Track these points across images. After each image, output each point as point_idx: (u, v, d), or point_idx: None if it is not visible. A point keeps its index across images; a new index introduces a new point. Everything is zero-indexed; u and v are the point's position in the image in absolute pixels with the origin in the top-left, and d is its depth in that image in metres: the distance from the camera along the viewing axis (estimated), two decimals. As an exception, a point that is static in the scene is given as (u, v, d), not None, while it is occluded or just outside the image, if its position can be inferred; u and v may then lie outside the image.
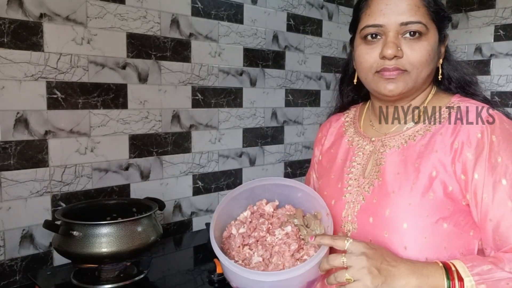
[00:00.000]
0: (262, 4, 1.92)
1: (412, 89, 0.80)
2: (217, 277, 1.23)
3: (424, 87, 0.83)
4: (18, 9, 1.26)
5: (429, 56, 0.77)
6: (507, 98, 2.27)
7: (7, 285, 1.29)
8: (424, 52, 0.76)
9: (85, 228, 1.15)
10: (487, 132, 0.73)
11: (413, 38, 0.76)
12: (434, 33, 0.79)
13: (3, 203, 1.27)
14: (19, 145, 1.29)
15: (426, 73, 0.79)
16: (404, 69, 0.77)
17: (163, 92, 1.61)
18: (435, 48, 0.79)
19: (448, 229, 0.73)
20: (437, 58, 0.81)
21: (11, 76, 1.26)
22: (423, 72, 0.78)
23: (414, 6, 0.77)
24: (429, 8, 0.78)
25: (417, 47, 0.76)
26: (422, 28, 0.76)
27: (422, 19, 0.76)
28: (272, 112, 2.02)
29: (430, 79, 0.83)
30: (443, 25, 0.81)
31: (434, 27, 0.79)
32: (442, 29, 0.81)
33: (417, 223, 0.73)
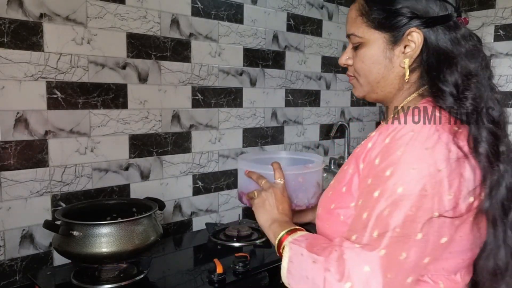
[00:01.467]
0: (262, 4, 1.92)
1: (375, 92, 0.82)
2: (217, 277, 1.23)
3: (403, 88, 0.80)
4: (18, 9, 1.26)
5: (368, 63, 0.80)
6: (507, 98, 2.28)
7: (7, 285, 1.29)
8: (363, 59, 0.81)
9: (85, 228, 1.15)
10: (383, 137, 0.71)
11: (356, 48, 0.82)
12: (375, 38, 0.78)
13: (3, 203, 1.27)
14: (19, 145, 1.29)
15: (373, 79, 0.81)
16: (353, 76, 0.85)
17: (163, 92, 1.62)
18: (377, 53, 0.78)
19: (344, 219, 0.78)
20: (387, 60, 0.78)
21: (11, 76, 1.26)
22: (370, 77, 0.81)
23: (351, 18, 0.82)
24: (366, 17, 0.79)
25: (358, 55, 0.81)
26: (356, 39, 0.81)
27: (357, 31, 0.80)
28: (272, 112, 2.02)
29: (393, 81, 0.80)
30: (392, 25, 0.77)
31: (376, 32, 0.78)
32: (393, 30, 0.77)
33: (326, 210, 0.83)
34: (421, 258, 0.67)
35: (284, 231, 0.84)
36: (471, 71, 0.73)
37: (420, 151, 0.66)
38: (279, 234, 0.84)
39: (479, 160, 0.68)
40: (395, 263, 0.65)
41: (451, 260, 0.71)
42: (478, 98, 0.71)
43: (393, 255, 0.65)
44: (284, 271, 0.77)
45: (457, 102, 0.71)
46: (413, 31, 0.75)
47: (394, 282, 0.65)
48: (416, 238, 0.65)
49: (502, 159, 0.70)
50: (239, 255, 1.33)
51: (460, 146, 0.67)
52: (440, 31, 0.75)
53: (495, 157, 0.69)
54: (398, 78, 0.79)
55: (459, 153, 0.66)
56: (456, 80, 0.72)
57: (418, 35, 0.75)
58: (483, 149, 0.68)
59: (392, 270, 0.65)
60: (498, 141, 0.70)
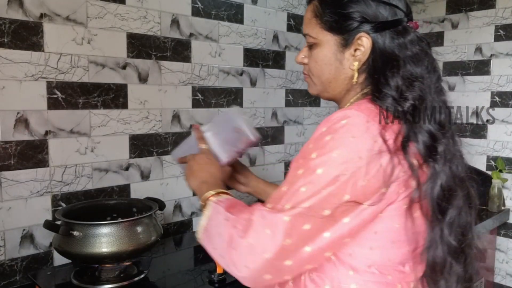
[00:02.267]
0: (262, 4, 1.92)
1: (327, 91, 0.85)
2: (217, 277, 1.23)
3: (352, 88, 0.82)
4: (19, 9, 1.26)
5: (321, 64, 0.82)
6: (507, 98, 2.28)
7: (7, 285, 1.29)
8: (316, 60, 0.83)
9: (85, 228, 1.15)
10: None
11: (310, 48, 0.84)
12: (327, 40, 0.80)
13: (3, 203, 1.28)
14: (19, 145, 1.29)
15: (325, 79, 0.83)
16: (308, 74, 0.87)
17: (163, 92, 1.62)
18: (329, 54, 0.81)
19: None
20: (338, 62, 0.81)
21: (11, 76, 1.26)
22: (322, 77, 0.83)
23: (307, 18, 0.84)
24: (320, 19, 0.81)
25: (312, 55, 0.84)
26: (311, 39, 0.83)
27: (311, 32, 0.82)
28: (272, 112, 2.02)
29: (343, 82, 0.82)
30: (343, 29, 0.78)
31: (331, 34, 0.80)
32: (343, 33, 0.79)
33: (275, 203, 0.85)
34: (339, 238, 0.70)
35: (210, 191, 0.88)
36: (415, 74, 0.75)
37: (346, 139, 0.69)
38: (205, 194, 0.88)
39: (406, 157, 0.70)
40: (296, 232, 0.69)
41: (394, 250, 0.74)
42: (419, 99, 0.74)
43: (296, 224, 0.69)
44: (201, 228, 0.82)
45: (397, 103, 0.73)
46: (362, 36, 0.77)
47: (291, 248, 0.69)
48: (323, 214, 0.68)
49: (438, 159, 0.73)
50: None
51: (385, 140, 0.69)
52: (388, 36, 0.77)
53: (430, 156, 0.72)
54: (347, 79, 0.82)
55: (383, 147, 0.69)
56: (397, 83, 0.74)
57: (367, 40, 0.77)
58: (414, 147, 0.71)
59: (292, 237, 0.69)
60: (436, 141, 0.73)
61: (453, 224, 0.75)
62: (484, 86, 2.36)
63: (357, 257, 0.74)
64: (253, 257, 0.71)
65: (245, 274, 0.73)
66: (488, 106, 2.34)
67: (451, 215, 0.74)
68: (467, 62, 2.42)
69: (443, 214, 0.74)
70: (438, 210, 0.73)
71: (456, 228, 0.75)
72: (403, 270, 0.76)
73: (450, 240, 0.74)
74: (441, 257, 0.74)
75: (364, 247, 0.73)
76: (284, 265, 0.71)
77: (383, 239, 0.73)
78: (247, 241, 0.71)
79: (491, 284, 2.33)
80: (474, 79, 2.39)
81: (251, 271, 0.72)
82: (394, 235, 0.73)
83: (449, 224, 0.74)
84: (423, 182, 0.72)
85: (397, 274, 0.75)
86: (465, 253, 0.78)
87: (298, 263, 0.71)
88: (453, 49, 2.47)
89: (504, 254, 2.32)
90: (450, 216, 0.74)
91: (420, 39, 0.80)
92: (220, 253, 0.77)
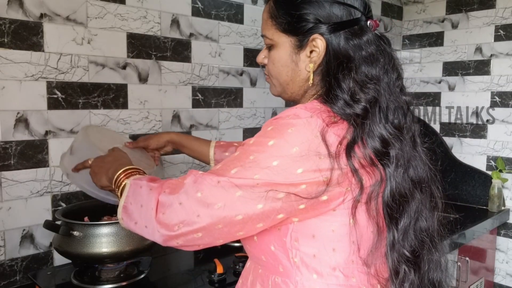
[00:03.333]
0: (262, 4, 1.92)
1: (286, 93, 0.84)
2: (217, 277, 1.23)
3: (308, 89, 0.81)
4: (19, 9, 1.26)
5: (277, 65, 0.81)
6: (507, 98, 2.28)
7: (7, 285, 1.29)
8: (273, 61, 0.82)
9: (85, 228, 1.15)
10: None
11: (269, 49, 0.83)
12: (283, 41, 0.79)
13: (3, 203, 1.28)
14: (19, 145, 1.29)
15: (283, 80, 0.82)
16: (268, 76, 0.86)
17: (163, 92, 1.62)
18: (285, 56, 0.80)
19: None
20: (294, 63, 0.80)
21: (11, 76, 1.26)
22: (280, 79, 0.83)
23: (264, 20, 0.83)
24: (275, 20, 0.79)
25: (270, 56, 0.83)
26: (268, 40, 0.82)
27: (267, 33, 0.81)
28: (273, 112, 2.02)
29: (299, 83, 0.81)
30: (297, 30, 0.77)
31: (286, 36, 0.79)
32: (298, 34, 0.77)
33: None
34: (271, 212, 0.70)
35: (119, 170, 0.86)
36: (369, 75, 0.74)
37: (284, 130, 0.69)
38: (115, 175, 0.86)
39: (348, 162, 0.69)
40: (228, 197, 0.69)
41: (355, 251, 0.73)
42: (372, 101, 0.72)
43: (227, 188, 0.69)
44: (120, 208, 0.80)
45: (347, 106, 0.72)
46: (316, 37, 0.76)
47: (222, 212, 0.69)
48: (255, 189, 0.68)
49: (390, 164, 0.71)
50: (239, 255, 1.34)
51: (325, 139, 0.69)
52: (343, 37, 0.75)
53: (380, 161, 0.71)
54: (304, 81, 0.80)
55: (321, 147, 0.68)
56: (349, 85, 0.73)
57: (321, 41, 0.75)
58: (359, 151, 0.70)
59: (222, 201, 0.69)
60: (388, 146, 0.71)
61: (407, 231, 0.73)
62: (484, 86, 2.36)
63: (321, 259, 0.73)
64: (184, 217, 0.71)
65: (174, 233, 0.72)
66: (488, 106, 2.34)
67: (404, 222, 0.73)
68: (467, 62, 2.42)
69: (396, 221, 0.72)
70: (389, 216, 0.72)
71: (413, 234, 0.74)
72: (369, 271, 0.74)
73: (401, 249, 0.73)
74: (395, 265, 0.73)
75: (327, 248, 0.73)
76: (215, 228, 0.71)
77: (343, 239, 0.72)
78: (176, 203, 0.72)
79: (491, 284, 2.33)
80: (474, 79, 2.39)
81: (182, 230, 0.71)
82: (352, 235, 0.72)
83: (402, 231, 0.73)
84: (370, 184, 0.71)
85: (362, 276, 0.75)
86: (424, 260, 0.76)
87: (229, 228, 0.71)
88: (453, 49, 2.47)
89: (504, 254, 2.32)
90: (403, 223, 0.73)
91: (379, 38, 0.78)
92: (144, 224, 0.76)
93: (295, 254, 0.74)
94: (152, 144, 1.27)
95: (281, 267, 0.76)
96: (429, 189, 0.78)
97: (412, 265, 0.74)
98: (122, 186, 0.84)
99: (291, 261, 0.74)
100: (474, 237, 2.00)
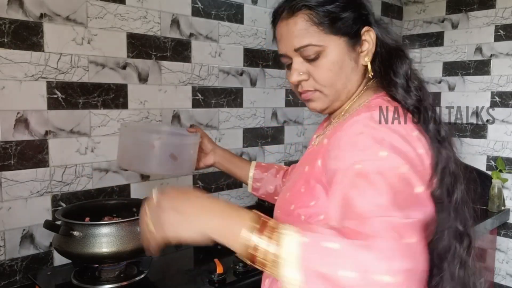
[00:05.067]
0: (262, 4, 1.92)
1: (338, 100, 0.82)
2: (217, 277, 1.23)
3: (355, 89, 0.82)
4: (19, 9, 1.26)
5: (335, 70, 0.78)
6: (507, 98, 2.28)
7: (7, 285, 1.29)
8: (325, 69, 0.78)
9: (85, 228, 1.15)
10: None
11: (312, 59, 0.78)
12: (336, 44, 0.77)
13: (4, 203, 1.28)
14: (19, 145, 1.29)
15: (341, 84, 0.79)
16: (314, 89, 0.80)
17: (164, 92, 1.62)
18: (341, 57, 0.78)
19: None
20: (353, 61, 0.79)
21: (11, 76, 1.26)
22: (337, 85, 0.79)
23: (301, 30, 0.77)
24: (321, 25, 0.77)
25: (320, 65, 0.78)
26: (315, 48, 0.77)
27: (312, 40, 0.77)
28: (272, 112, 2.02)
29: (357, 81, 0.81)
30: (347, 28, 0.78)
31: (335, 37, 0.77)
32: (349, 32, 0.78)
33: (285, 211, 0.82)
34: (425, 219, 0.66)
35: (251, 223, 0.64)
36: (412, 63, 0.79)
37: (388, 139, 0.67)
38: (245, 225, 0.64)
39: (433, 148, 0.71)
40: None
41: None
42: (420, 89, 0.77)
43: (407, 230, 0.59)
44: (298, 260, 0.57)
45: (407, 93, 0.75)
46: (366, 30, 0.79)
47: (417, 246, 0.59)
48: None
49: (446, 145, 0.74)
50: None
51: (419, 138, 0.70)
52: (382, 28, 0.81)
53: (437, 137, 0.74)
54: (360, 77, 0.82)
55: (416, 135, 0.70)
56: (406, 71, 0.77)
57: (371, 33, 0.79)
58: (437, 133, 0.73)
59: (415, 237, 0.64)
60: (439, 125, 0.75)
61: (459, 207, 0.76)
62: (484, 86, 2.36)
63: None
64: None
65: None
66: (488, 106, 2.34)
67: (457, 196, 0.75)
68: (467, 62, 2.42)
69: (451, 196, 0.74)
70: (447, 191, 0.73)
71: (461, 212, 0.76)
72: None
73: (455, 223, 0.75)
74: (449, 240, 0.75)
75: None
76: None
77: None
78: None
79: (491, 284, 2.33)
80: (474, 79, 2.39)
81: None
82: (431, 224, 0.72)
83: (456, 206, 0.75)
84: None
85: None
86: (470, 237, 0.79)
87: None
88: (453, 49, 2.47)
89: (504, 254, 2.32)
90: (455, 197, 0.75)
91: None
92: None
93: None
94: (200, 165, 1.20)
95: None
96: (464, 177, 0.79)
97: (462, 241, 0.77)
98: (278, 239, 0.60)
99: None
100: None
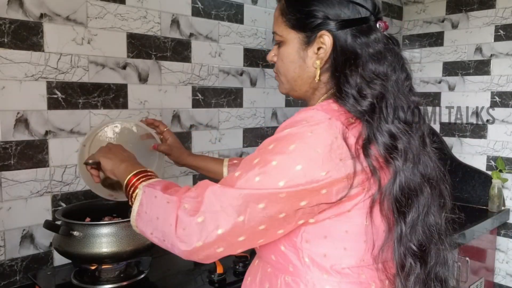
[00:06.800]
0: (262, 4, 1.92)
1: (295, 90, 0.84)
2: (217, 277, 1.23)
3: (318, 87, 0.82)
4: (19, 9, 1.26)
5: (286, 62, 0.82)
6: (507, 98, 2.27)
7: (7, 285, 1.29)
8: (282, 58, 0.83)
9: (85, 228, 1.15)
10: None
11: (279, 46, 0.84)
12: (292, 38, 0.80)
13: (3, 203, 1.27)
14: (19, 145, 1.29)
15: (291, 77, 0.83)
16: (277, 73, 0.87)
17: (163, 92, 1.62)
18: (295, 52, 0.81)
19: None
20: (301, 60, 0.80)
21: (11, 76, 1.26)
22: (288, 75, 0.83)
23: (275, 17, 0.84)
24: (285, 17, 0.81)
25: (279, 53, 0.84)
26: (277, 37, 0.83)
27: (278, 30, 0.83)
28: (273, 112, 2.02)
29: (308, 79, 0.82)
30: (305, 26, 0.78)
31: (295, 32, 0.80)
32: (306, 31, 0.79)
33: None
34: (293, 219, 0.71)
35: (134, 171, 0.88)
36: (377, 72, 0.74)
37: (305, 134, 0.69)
38: (129, 174, 0.88)
39: (367, 160, 0.70)
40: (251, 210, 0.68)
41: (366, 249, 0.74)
42: (379, 97, 0.73)
43: (250, 201, 0.68)
44: (134, 214, 0.81)
45: (357, 102, 0.73)
46: (323, 34, 0.77)
47: (244, 226, 0.69)
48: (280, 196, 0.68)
49: (398, 158, 0.71)
50: (239, 255, 1.33)
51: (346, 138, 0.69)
52: (350, 34, 0.76)
53: (390, 156, 0.71)
54: (312, 78, 0.81)
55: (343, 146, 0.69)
56: (357, 81, 0.74)
57: (328, 38, 0.77)
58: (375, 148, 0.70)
59: (245, 214, 0.68)
60: (396, 140, 0.72)
61: (415, 225, 0.73)
62: (484, 86, 2.36)
63: (331, 258, 0.74)
64: (205, 233, 0.70)
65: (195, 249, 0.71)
66: (488, 106, 2.34)
67: (412, 216, 0.73)
68: (467, 62, 2.42)
69: (404, 215, 0.73)
70: (398, 211, 0.72)
71: (421, 228, 0.74)
72: (377, 267, 0.75)
73: (408, 242, 0.73)
74: (401, 258, 0.73)
75: (338, 248, 0.73)
76: (237, 240, 0.70)
77: (355, 238, 0.73)
78: (199, 219, 0.70)
79: (491, 284, 2.33)
80: (474, 79, 2.39)
81: (203, 245, 0.70)
82: (365, 234, 0.73)
83: (410, 224, 0.73)
84: (385, 182, 0.71)
85: (371, 272, 0.75)
86: (430, 255, 0.76)
87: (251, 238, 0.71)
88: (453, 49, 2.47)
89: (504, 254, 2.32)
90: (411, 217, 0.73)
91: (388, 38, 0.80)
92: (162, 237, 0.76)
93: (305, 253, 0.74)
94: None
95: (291, 266, 0.76)
96: (438, 188, 0.78)
97: (418, 259, 0.74)
98: (135, 193, 0.84)
99: (302, 260, 0.75)
100: (474, 237, 2.00)
